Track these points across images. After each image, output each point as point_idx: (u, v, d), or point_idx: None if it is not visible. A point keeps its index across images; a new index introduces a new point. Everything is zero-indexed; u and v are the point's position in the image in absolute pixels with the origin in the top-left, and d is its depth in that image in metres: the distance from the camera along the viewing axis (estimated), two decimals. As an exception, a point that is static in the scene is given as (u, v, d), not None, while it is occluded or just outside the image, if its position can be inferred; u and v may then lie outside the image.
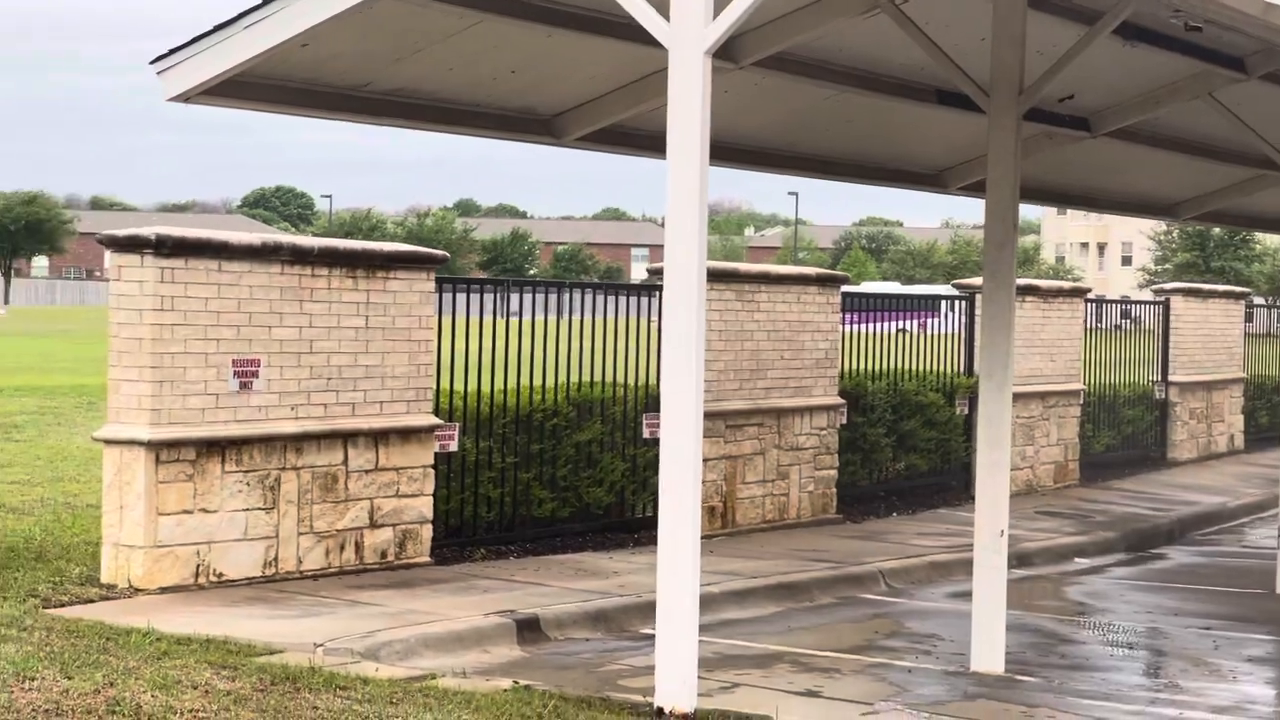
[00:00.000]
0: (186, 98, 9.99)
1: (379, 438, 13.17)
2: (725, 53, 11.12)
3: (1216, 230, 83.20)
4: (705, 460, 15.91)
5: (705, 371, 15.68)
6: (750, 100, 13.29)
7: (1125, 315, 26.43)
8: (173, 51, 9.86)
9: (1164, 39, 12.62)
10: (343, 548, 12.88)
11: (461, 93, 12.08)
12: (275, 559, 12.41)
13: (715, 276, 16.20)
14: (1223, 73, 13.77)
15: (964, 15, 11.64)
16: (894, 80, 13.36)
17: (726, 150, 14.33)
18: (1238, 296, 27.91)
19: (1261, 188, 18.84)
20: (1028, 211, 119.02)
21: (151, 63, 9.91)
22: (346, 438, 12.94)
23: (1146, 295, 29.53)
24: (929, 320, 22.41)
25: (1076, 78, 12.91)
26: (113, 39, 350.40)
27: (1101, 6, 11.22)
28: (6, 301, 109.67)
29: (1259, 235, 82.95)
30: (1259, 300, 44.50)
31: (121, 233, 11.97)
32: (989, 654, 11.01)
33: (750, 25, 10.73)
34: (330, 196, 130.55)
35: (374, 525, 13.11)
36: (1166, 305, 25.29)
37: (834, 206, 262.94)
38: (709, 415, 15.90)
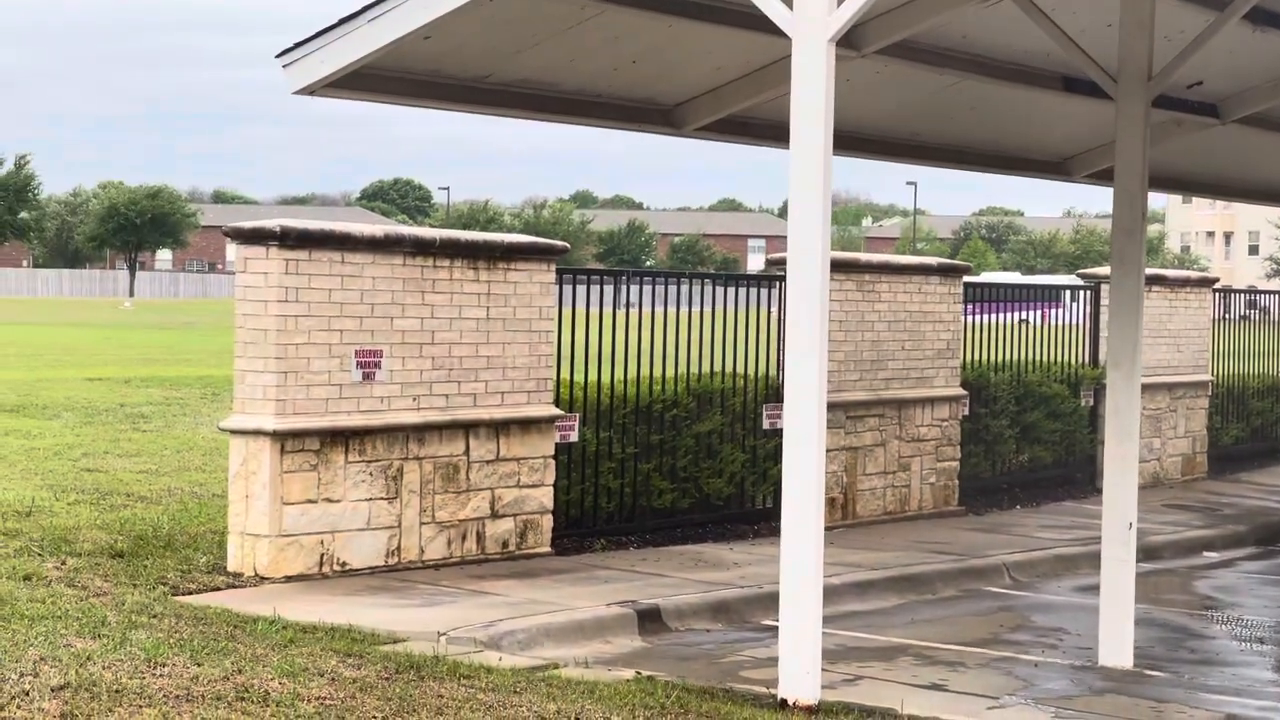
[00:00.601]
0: (311, 91, 10.09)
1: (500, 428, 13.22)
2: (847, 41, 11.04)
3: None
4: (826, 451, 15.80)
5: (826, 362, 15.63)
6: (872, 89, 13.20)
7: (1251, 305, 25.91)
8: (298, 45, 9.96)
9: (1296, 23, 12.37)
10: (464, 538, 12.95)
11: (583, 83, 12.11)
12: (397, 548, 12.50)
13: (836, 267, 16.04)
14: (1358, 56, 13.48)
15: (1090, 1, 11.47)
16: (1018, 67, 13.21)
17: (847, 139, 14.24)
18: (1370, 286, 27.29)
19: (1397, 174, 18.42)
20: (1152, 200, 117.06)
21: (277, 56, 10.02)
22: (468, 428, 13.01)
23: (1275, 285, 28.94)
24: (1050, 310, 22.14)
25: (1205, 64, 12.69)
26: (234, 33, 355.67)
27: (1233, -10, 11.01)
28: (131, 294, 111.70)
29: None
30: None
31: (247, 225, 12.11)
32: (1117, 648, 10.84)
33: (873, 13, 10.65)
34: (448, 189, 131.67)
35: (495, 515, 13.17)
36: (1296, 295, 24.79)
37: (953, 196, 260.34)
38: (829, 406, 15.71)
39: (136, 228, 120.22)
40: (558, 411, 13.71)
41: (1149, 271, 20.89)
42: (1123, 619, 10.86)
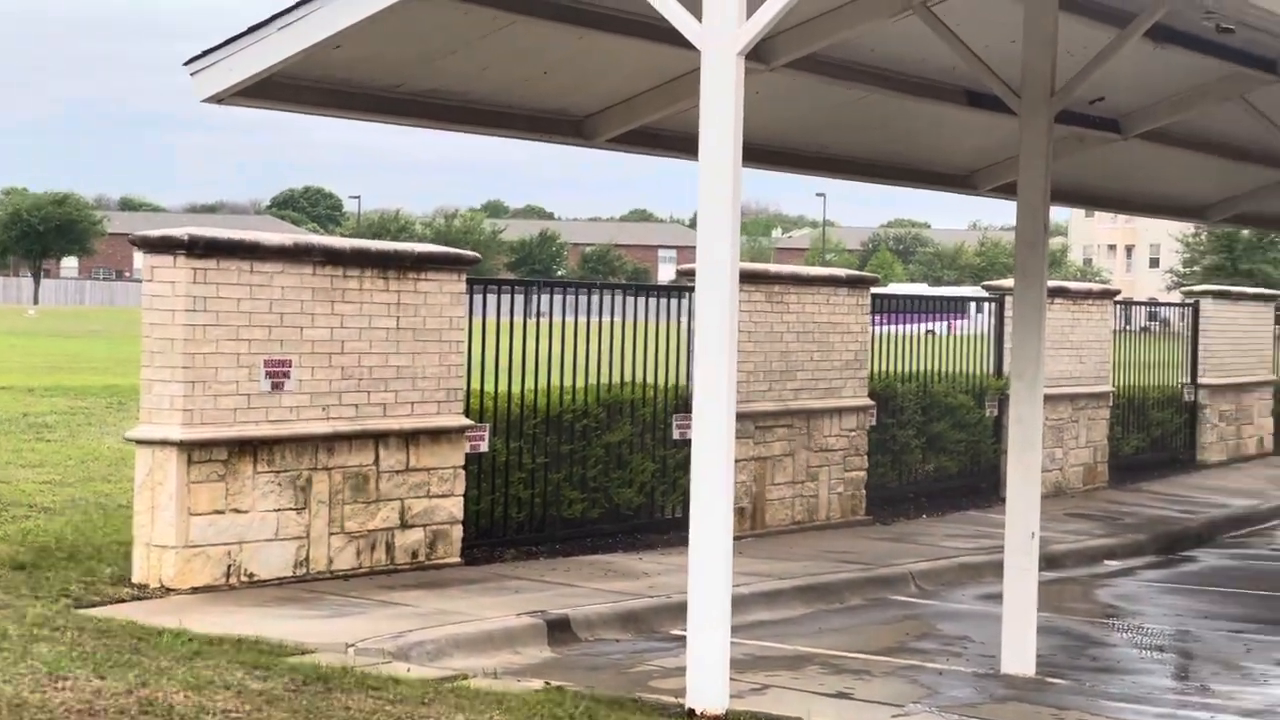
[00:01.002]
0: (219, 99, 10.03)
1: (410, 438, 13.20)
2: (757, 54, 11.13)
3: (1244, 232, 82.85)
4: (735, 461, 15.89)
5: (736, 372, 15.71)
6: (781, 101, 13.30)
7: (1152, 317, 26.33)
8: (206, 53, 9.91)
9: (1195, 41, 12.60)
10: (373, 548, 12.91)
11: (494, 94, 12.12)
12: (306, 559, 12.44)
13: (745, 278, 16.17)
14: (1254, 75, 13.75)
15: (995, 17, 11.63)
16: (925, 81, 13.36)
17: (757, 151, 14.34)
18: (1267, 299, 27.81)
19: (1293, 190, 18.79)
20: (1056, 213, 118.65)
21: (185, 64, 9.95)
22: (378, 438, 12.97)
23: (1174, 297, 29.43)
24: (956, 322, 22.38)
25: (1107, 79, 12.88)
26: (142, 40, 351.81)
27: (1133, 9, 11.20)
28: (36, 302, 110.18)
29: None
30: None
31: (154, 233, 12.02)
32: (1019, 656, 10.99)
33: (782, 27, 10.72)
34: (359, 197, 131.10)
35: (405, 526, 13.14)
36: (1196, 308, 25.21)
37: (861, 208, 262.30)
38: (738, 416, 15.80)
39: (40, 235, 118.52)
40: (468, 421, 13.71)
41: (1052, 284, 21.20)
42: (1025, 627, 11.00)
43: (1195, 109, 14.77)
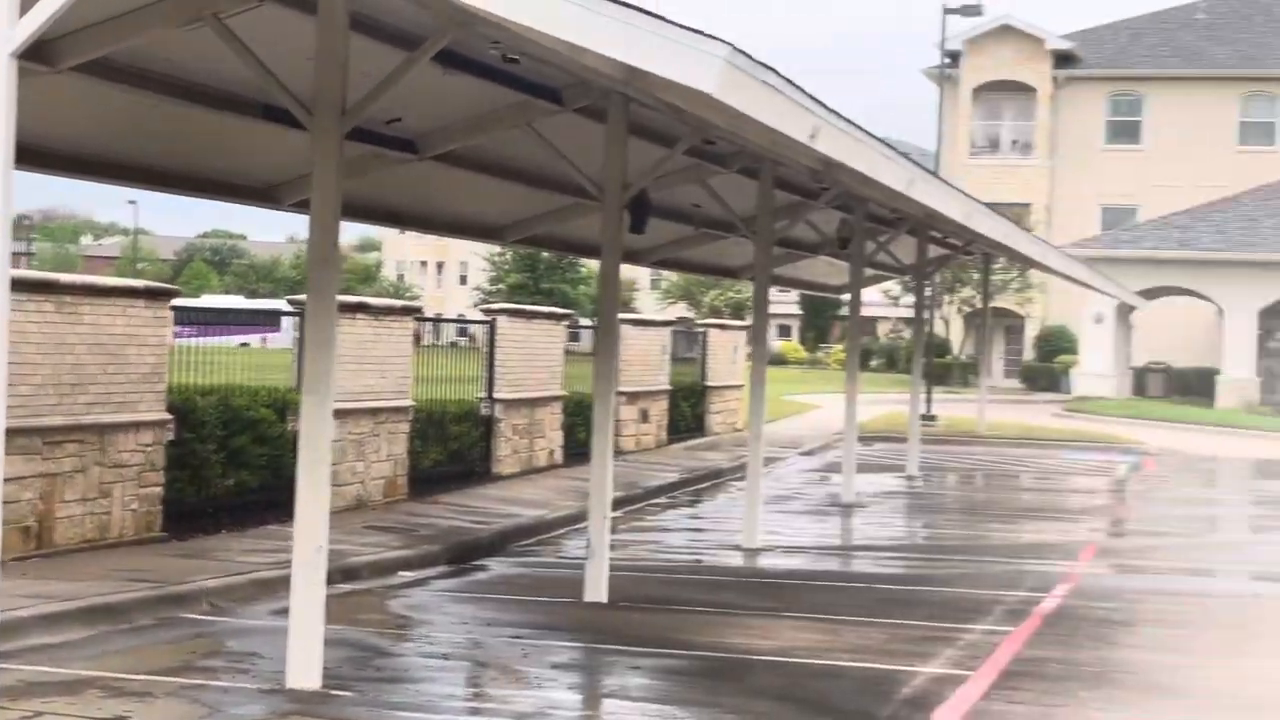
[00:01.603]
0: None
1: None
2: (40, 55, 10.73)
3: (546, 254, 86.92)
4: (19, 479, 15.20)
5: (21, 386, 15.03)
6: (73, 106, 12.85)
7: (462, 333, 27.22)
8: None
9: (484, 69, 13.10)
10: None
11: None
12: None
13: (33, 287, 15.54)
14: (541, 104, 14.45)
15: (290, 33, 11.67)
16: (222, 93, 13.23)
17: (48, 156, 13.84)
18: (560, 318, 29.24)
19: (577, 215, 19.89)
20: (371, 229, 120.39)
21: None
22: None
23: (479, 314, 30.46)
24: (271, 335, 22.36)
25: (402, 101, 13.20)
26: None
27: (422, 33, 11.52)
28: None
29: (583, 259, 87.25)
30: (585, 321, 46.73)
31: None
32: (305, 670, 11.03)
33: (64, 29, 10.40)
34: None
35: None
36: (493, 325, 26.18)
37: (177, 217, 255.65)
38: (24, 432, 15.21)
39: None
40: None
41: (354, 299, 21.56)
42: (312, 640, 11.06)
43: (487, 134, 15.36)
